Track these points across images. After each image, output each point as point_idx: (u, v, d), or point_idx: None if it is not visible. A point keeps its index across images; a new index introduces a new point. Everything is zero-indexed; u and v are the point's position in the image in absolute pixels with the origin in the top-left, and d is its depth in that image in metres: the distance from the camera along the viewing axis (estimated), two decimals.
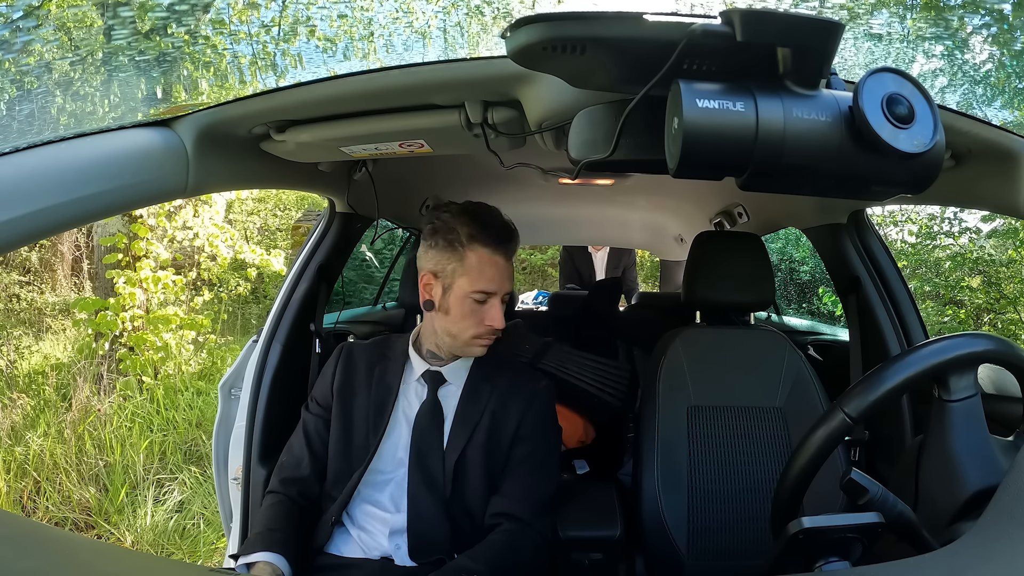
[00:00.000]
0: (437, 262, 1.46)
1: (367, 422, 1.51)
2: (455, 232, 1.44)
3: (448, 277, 1.45)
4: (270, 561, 1.31)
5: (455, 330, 1.48)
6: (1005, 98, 1.27)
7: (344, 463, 1.50)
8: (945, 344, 1.05)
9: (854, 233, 1.98)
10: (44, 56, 1.11)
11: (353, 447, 1.50)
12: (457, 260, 1.44)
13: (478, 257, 1.44)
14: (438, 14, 1.15)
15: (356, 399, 1.54)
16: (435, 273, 1.47)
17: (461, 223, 1.45)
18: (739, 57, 0.67)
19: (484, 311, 1.46)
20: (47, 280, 9.29)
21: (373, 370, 1.56)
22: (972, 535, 0.73)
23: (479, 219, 1.46)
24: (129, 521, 3.63)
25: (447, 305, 1.46)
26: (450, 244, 1.44)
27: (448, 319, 1.47)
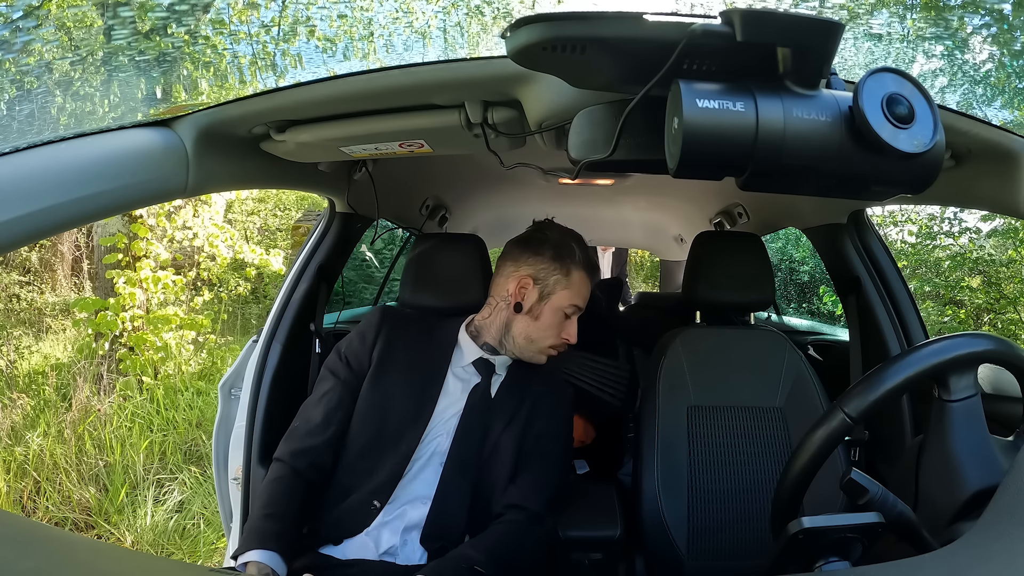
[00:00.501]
0: (540, 270, 1.55)
1: (411, 399, 1.50)
2: (569, 249, 1.57)
3: (549, 286, 1.54)
4: (261, 561, 1.26)
5: (537, 336, 1.56)
6: (1005, 98, 1.27)
7: (377, 437, 1.47)
8: (945, 344, 1.05)
9: (854, 233, 1.98)
10: (44, 56, 1.11)
11: (391, 422, 1.48)
12: (563, 274, 1.55)
13: (580, 278, 1.57)
14: (438, 14, 1.15)
15: (399, 371, 1.53)
16: (535, 279, 1.55)
17: (574, 245, 1.58)
18: (739, 57, 0.67)
19: (566, 325, 1.57)
20: (47, 280, 9.28)
21: (419, 346, 1.58)
22: (972, 535, 0.73)
23: (584, 246, 1.61)
24: (129, 521, 3.63)
25: (539, 311, 1.55)
26: (560, 258, 1.55)
27: (535, 325, 1.55)
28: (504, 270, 1.59)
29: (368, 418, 1.49)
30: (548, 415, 1.58)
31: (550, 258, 1.55)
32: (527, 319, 1.55)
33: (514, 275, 1.57)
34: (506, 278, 1.58)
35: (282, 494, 1.40)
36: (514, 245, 1.63)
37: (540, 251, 1.56)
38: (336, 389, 1.52)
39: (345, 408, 1.51)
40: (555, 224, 1.64)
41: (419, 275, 1.84)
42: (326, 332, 2.01)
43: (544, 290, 1.54)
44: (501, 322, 1.57)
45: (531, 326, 1.55)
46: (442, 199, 2.97)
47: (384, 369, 1.53)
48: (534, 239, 1.59)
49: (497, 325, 1.58)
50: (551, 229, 1.61)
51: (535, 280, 1.54)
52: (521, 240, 1.62)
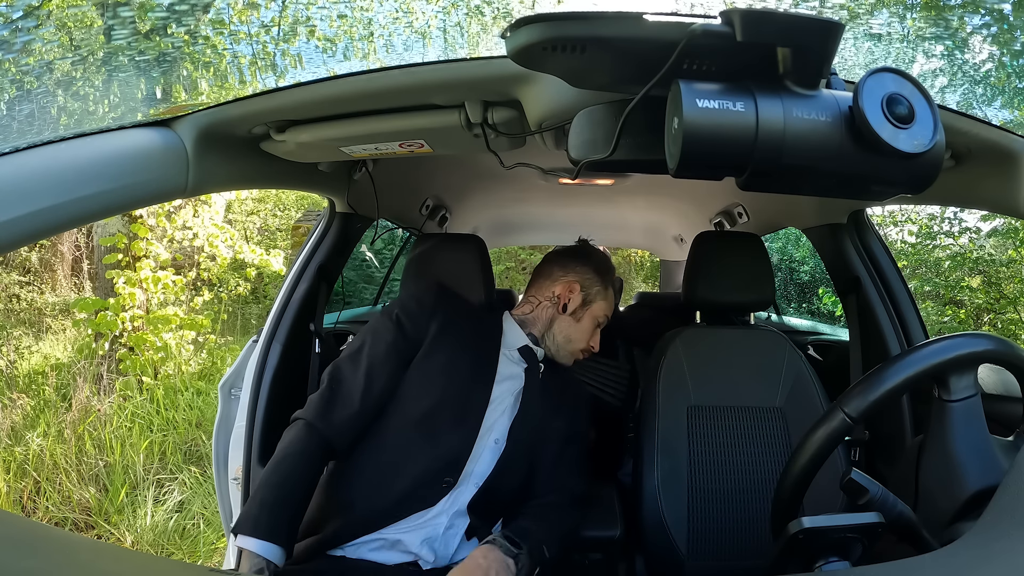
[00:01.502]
0: (586, 279, 1.69)
1: (473, 375, 1.53)
2: (607, 268, 1.74)
3: (592, 295, 1.69)
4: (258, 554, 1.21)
5: (575, 337, 1.68)
6: (1005, 98, 1.27)
7: (437, 411, 1.44)
8: (945, 344, 1.05)
9: (854, 233, 1.98)
10: (44, 56, 1.11)
11: (453, 396, 1.47)
12: (602, 287, 1.70)
13: (611, 295, 1.73)
14: (438, 14, 1.15)
15: (459, 345, 1.54)
16: (581, 285, 1.68)
17: (610, 266, 1.76)
18: (739, 57, 0.67)
19: (595, 334, 1.71)
20: (47, 280, 9.29)
21: (473, 324, 1.62)
22: (972, 535, 0.73)
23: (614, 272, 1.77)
24: (129, 521, 3.63)
25: (581, 315, 1.68)
26: (601, 276, 1.71)
27: (575, 327, 1.67)
28: (551, 273, 1.72)
29: (425, 391, 1.46)
30: (578, 416, 1.69)
31: (594, 271, 1.70)
32: (570, 320, 1.67)
33: (562, 279, 1.70)
34: (553, 281, 1.71)
35: (299, 473, 1.32)
36: (562, 254, 1.77)
37: (587, 263, 1.71)
38: (384, 354, 1.48)
39: (391, 376, 1.47)
40: (594, 247, 1.81)
41: (419, 275, 1.84)
42: (326, 332, 2.01)
43: (587, 297, 1.68)
44: (547, 318, 1.68)
45: (572, 327, 1.67)
46: (442, 199, 2.97)
47: (443, 340, 1.53)
48: (581, 252, 1.75)
49: (543, 321, 1.68)
50: (594, 249, 1.79)
51: (581, 287, 1.68)
52: (569, 250, 1.77)
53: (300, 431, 1.37)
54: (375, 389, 1.44)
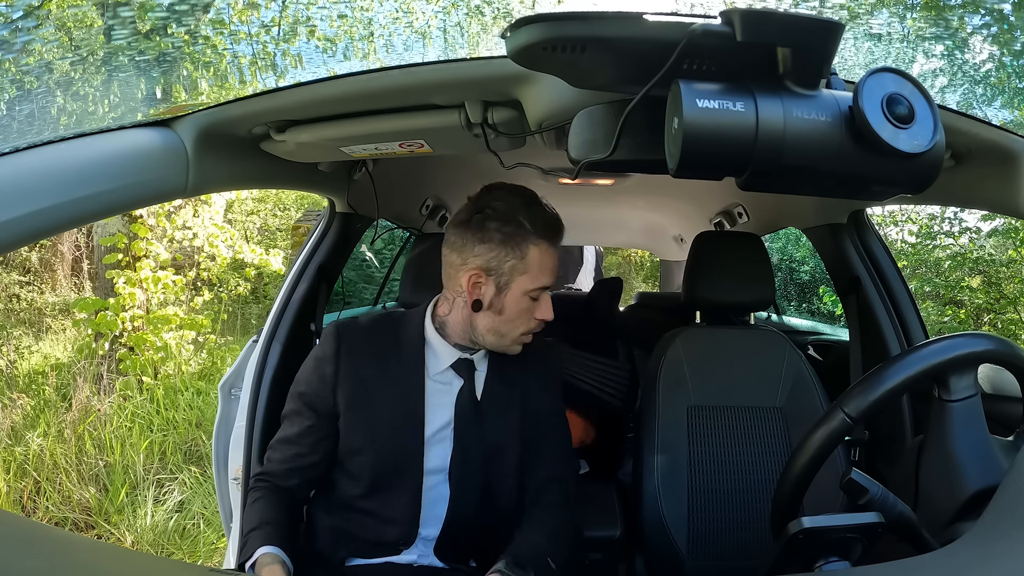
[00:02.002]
0: (491, 258, 1.30)
1: (399, 426, 1.36)
2: (517, 224, 1.30)
3: (505, 275, 1.31)
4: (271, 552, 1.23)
5: (506, 329, 1.36)
6: (1005, 98, 1.27)
7: (377, 473, 1.36)
8: (945, 344, 1.05)
9: (854, 233, 1.98)
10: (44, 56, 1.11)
11: (387, 456, 1.36)
12: (518, 257, 1.30)
13: (540, 252, 1.32)
14: (438, 14, 1.15)
15: (375, 399, 1.37)
16: (487, 270, 1.31)
17: (523, 217, 1.31)
18: (739, 57, 0.67)
19: (537, 306, 1.36)
20: (47, 280, 9.28)
21: (389, 360, 1.40)
22: (972, 535, 0.73)
23: (538, 209, 1.34)
24: (129, 521, 3.63)
25: (501, 305, 1.33)
26: (510, 238, 1.30)
27: (500, 319, 1.35)
28: (451, 261, 1.36)
29: (361, 459, 1.37)
30: (547, 385, 1.51)
31: (499, 242, 1.30)
32: (490, 315, 1.35)
33: (463, 269, 1.33)
34: (456, 271, 1.35)
35: (272, 507, 1.34)
36: (454, 230, 1.36)
37: (485, 236, 1.30)
38: (309, 432, 1.39)
39: (327, 447, 1.39)
40: (498, 191, 1.36)
41: (419, 275, 1.84)
42: None
43: (500, 281, 1.32)
44: (463, 320, 1.38)
45: (496, 321, 1.35)
46: (442, 199, 2.97)
47: (357, 403, 1.37)
48: (474, 221, 1.32)
49: (460, 323, 1.39)
50: (494, 202, 1.33)
51: (487, 272, 1.31)
52: (461, 223, 1.35)
53: (258, 488, 1.38)
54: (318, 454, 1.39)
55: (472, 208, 1.34)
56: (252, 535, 1.27)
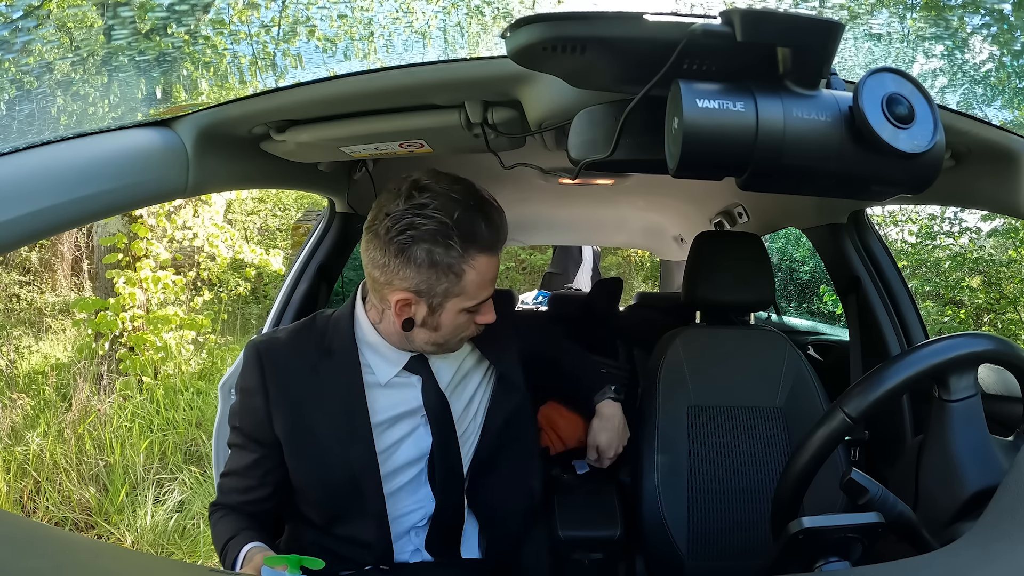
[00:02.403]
0: (420, 281, 1.14)
1: (341, 447, 1.25)
2: (450, 244, 1.12)
3: (438, 297, 1.17)
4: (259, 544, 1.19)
5: (444, 340, 1.25)
6: (1005, 98, 1.27)
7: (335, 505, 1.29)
8: (945, 344, 1.05)
9: (854, 233, 1.98)
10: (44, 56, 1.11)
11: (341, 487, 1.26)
12: (452, 279, 1.15)
13: (478, 271, 1.17)
14: (438, 14, 1.15)
15: (313, 422, 1.25)
16: (417, 292, 1.16)
17: (457, 232, 1.12)
18: (739, 57, 0.67)
19: (479, 314, 1.25)
20: (47, 280, 9.28)
21: (318, 373, 1.27)
22: (972, 535, 0.73)
23: (476, 219, 1.15)
24: (129, 521, 3.63)
25: (435, 323, 1.21)
26: (442, 259, 1.13)
27: (437, 334, 1.23)
28: (373, 276, 1.19)
29: (313, 492, 1.29)
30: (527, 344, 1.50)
31: (428, 266, 1.13)
32: (424, 331, 1.22)
33: (387, 289, 1.17)
34: (379, 287, 1.19)
35: (242, 519, 1.28)
36: (372, 242, 1.16)
37: (411, 258, 1.12)
38: (256, 465, 1.28)
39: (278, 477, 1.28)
40: (426, 197, 1.13)
41: None
42: None
43: (433, 302, 1.17)
44: (397, 332, 1.24)
45: (434, 335, 1.23)
46: None
47: (296, 432, 1.25)
48: (396, 240, 1.12)
49: (396, 335, 1.26)
50: (419, 218, 1.11)
51: (417, 294, 1.16)
52: (379, 236, 1.14)
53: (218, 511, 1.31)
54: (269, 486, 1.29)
55: (393, 222, 1.12)
56: (233, 541, 1.21)
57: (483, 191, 1.19)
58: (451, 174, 1.20)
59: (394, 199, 1.14)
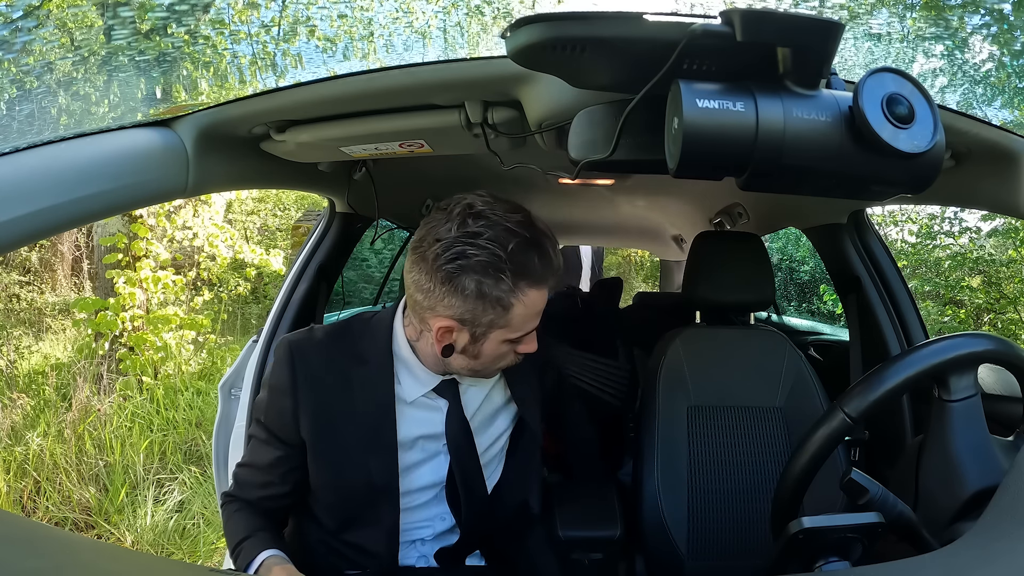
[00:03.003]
0: (466, 311, 1.10)
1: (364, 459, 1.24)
2: (501, 277, 1.08)
3: (482, 327, 1.13)
4: (277, 554, 1.20)
5: (483, 367, 1.22)
6: (1005, 98, 1.27)
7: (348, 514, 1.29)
8: (945, 344, 1.05)
9: (854, 233, 1.98)
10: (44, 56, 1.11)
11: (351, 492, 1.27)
12: (499, 312, 1.11)
13: (527, 305, 1.13)
14: (438, 14, 1.15)
15: (339, 431, 1.24)
16: (461, 321, 1.12)
17: (510, 262, 1.08)
18: (739, 57, 0.67)
19: (521, 344, 1.21)
20: (47, 280, 9.28)
21: (350, 381, 1.25)
22: (972, 535, 0.73)
23: (531, 254, 1.11)
24: (129, 521, 3.63)
25: (476, 351, 1.17)
26: (490, 292, 1.09)
27: (476, 362, 1.20)
28: (415, 299, 1.14)
29: (328, 497, 1.29)
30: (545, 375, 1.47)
31: (476, 297, 1.09)
32: (463, 357, 1.19)
33: (429, 314, 1.14)
34: (421, 311, 1.15)
35: (257, 517, 1.28)
36: (418, 265, 1.12)
37: (458, 287, 1.08)
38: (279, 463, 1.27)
39: (298, 476, 1.28)
40: (481, 225, 1.09)
41: None
42: None
43: (477, 332, 1.14)
44: (434, 354, 1.20)
45: (473, 363, 1.20)
46: (442, 199, 2.96)
47: (321, 438, 1.24)
48: (444, 267, 1.08)
49: (431, 356, 1.23)
50: (471, 249, 1.07)
51: (461, 323, 1.12)
52: (426, 260, 1.10)
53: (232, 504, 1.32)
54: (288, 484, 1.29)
55: (444, 248, 1.08)
56: (248, 542, 1.22)
57: (539, 222, 1.15)
58: (509, 201, 1.16)
59: (445, 222, 1.10)
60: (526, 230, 1.11)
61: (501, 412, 1.40)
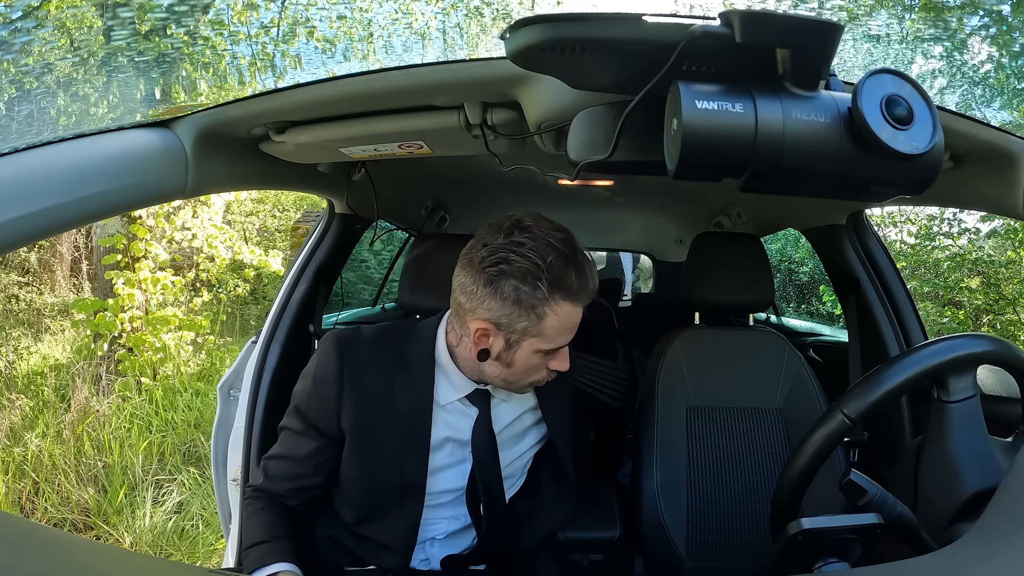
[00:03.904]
0: (503, 315, 1.16)
1: (397, 456, 1.29)
2: (537, 285, 1.14)
3: (516, 333, 1.18)
4: (290, 569, 1.21)
5: (515, 379, 1.27)
6: (1004, 99, 1.27)
7: (372, 507, 1.33)
8: (944, 345, 1.05)
9: (853, 234, 1.99)
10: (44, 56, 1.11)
11: (380, 487, 1.31)
12: (533, 320, 1.16)
13: (560, 317, 1.18)
14: (437, 15, 1.15)
15: (378, 427, 1.29)
16: (497, 325, 1.18)
17: (547, 275, 1.14)
18: (738, 58, 0.67)
19: (553, 359, 1.25)
20: (46, 281, 9.27)
21: (393, 382, 1.30)
22: (971, 536, 0.73)
23: (568, 268, 1.16)
24: (128, 522, 3.63)
25: (509, 359, 1.22)
26: (527, 298, 1.14)
27: (509, 371, 1.24)
28: (459, 302, 1.22)
29: (356, 490, 1.33)
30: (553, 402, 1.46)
31: (513, 301, 1.15)
32: (498, 365, 1.24)
33: (470, 316, 1.20)
34: (464, 313, 1.22)
35: (280, 522, 1.30)
36: (466, 269, 1.20)
37: (498, 290, 1.15)
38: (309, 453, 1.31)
39: (330, 468, 1.33)
40: (525, 237, 1.16)
41: (418, 276, 1.84)
42: (325, 333, 2.01)
43: (511, 338, 1.19)
44: (471, 359, 1.26)
45: (505, 371, 1.25)
46: (441, 200, 2.97)
47: (360, 432, 1.29)
48: (488, 271, 1.16)
49: (469, 361, 1.28)
50: (515, 256, 1.15)
51: (497, 326, 1.18)
52: (474, 264, 1.19)
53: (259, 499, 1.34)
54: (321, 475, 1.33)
55: (489, 253, 1.17)
56: (266, 547, 1.24)
57: (580, 244, 1.21)
58: (554, 222, 1.22)
59: (495, 233, 1.19)
60: (566, 247, 1.17)
61: (530, 431, 1.46)
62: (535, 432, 1.47)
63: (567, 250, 1.17)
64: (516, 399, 1.40)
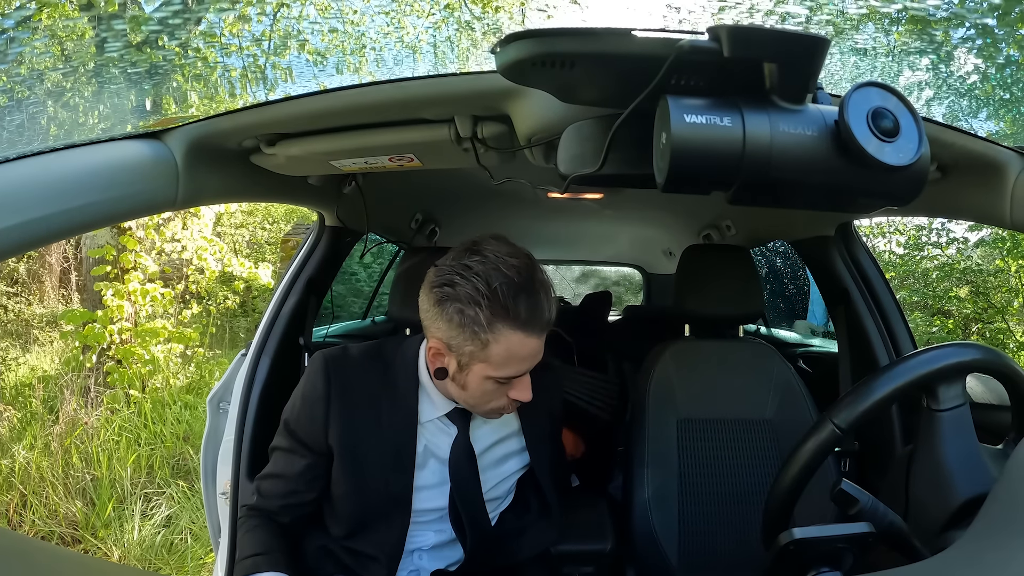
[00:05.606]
0: (451, 336, 1.16)
1: (384, 474, 1.30)
2: (475, 311, 1.12)
3: (465, 356, 1.17)
4: None
5: (473, 402, 1.26)
6: (990, 109, 1.28)
7: (360, 516, 1.33)
8: (933, 354, 1.06)
9: (842, 245, 1.99)
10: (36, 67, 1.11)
11: (367, 502, 1.32)
12: (478, 345, 1.15)
13: (505, 347, 1.15)
14: (428, 29, 1.15)
15: (364, 445, 1.30)
16: (448, 346, 1.18)
17: (489, 302, 1.12)
18: (726, 73, 0.68)
19: (510, 387, 1.23)
20: (35, 291, 9.21)
21: (379, 399, 1.32)
22: (962, 543, 0.73)
23: (515, 296, 1.13)
24: (116, 535, 3.59)
25: (463, 380, 1.21)
26: (470, 323, 1.13)
27: (465, 393, 1.24)
28: (421, 318, 1.22)
29: (344, 505, 1.34)
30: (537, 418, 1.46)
31: (457, 324, 1.14)
32: (454, 385, 1.24)
33: (428, 336, 1.22)
34: (424, 330, 1.23)
35: (273, 536, 1.31)
36: (423, 288, 1.21)
37: (443, 313, 1.15)
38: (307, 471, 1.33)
39: (322, 483, 1.35)
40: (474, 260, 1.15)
41: (408, 289, 1.84)
42: (315, 346, 2.00)
43: (461, 360, 1.18)
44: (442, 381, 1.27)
45: (463, 394, 1.24)
46: (432, 213, 2.97)
47: (346, 450, 1.30)
48: (434, 291, 1.17)
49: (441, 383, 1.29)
50: (459, 278, 1.14)
51: (448, 347, 1.18)
52: (427, 281, 1.21)
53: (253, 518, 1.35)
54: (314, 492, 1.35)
55: (438, 274, 1.18)
56: (260, 558, 1.25)
57: (539, 271, 1.19)
58: (514, 245, 1.20)
59: (452, 254, 1.20)
60: (518, 274, 1.14)
61: (513, 457, 1.46)
62: (518, 459, 1.47)
63: (518, 277, 1.14)
64: (496, 421, 1.39)
